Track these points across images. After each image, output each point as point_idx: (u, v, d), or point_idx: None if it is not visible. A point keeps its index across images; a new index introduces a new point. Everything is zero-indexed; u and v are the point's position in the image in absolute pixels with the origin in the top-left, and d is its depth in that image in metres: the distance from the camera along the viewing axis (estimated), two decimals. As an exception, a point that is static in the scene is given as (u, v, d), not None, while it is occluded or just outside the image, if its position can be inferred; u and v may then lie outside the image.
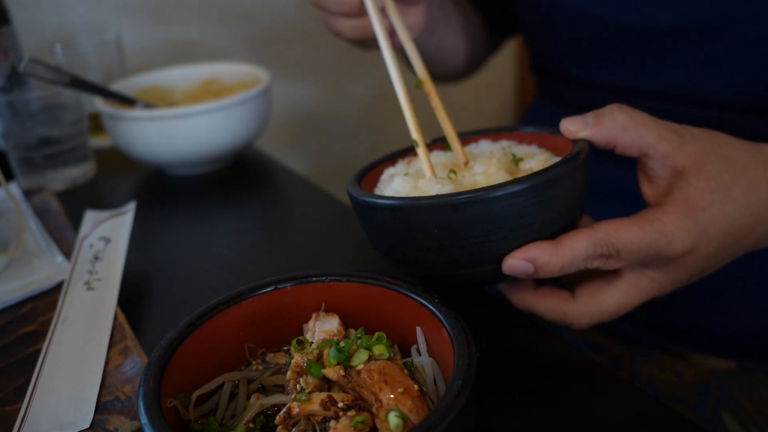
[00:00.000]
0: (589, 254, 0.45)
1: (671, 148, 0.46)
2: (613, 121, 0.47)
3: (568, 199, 0.47)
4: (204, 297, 0.61)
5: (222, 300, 0.44)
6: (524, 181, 0.44)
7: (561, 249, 0.45)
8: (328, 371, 0.39)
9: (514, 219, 0.45)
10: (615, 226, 0.45)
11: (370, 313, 0.45)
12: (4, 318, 0.58)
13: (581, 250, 0.45)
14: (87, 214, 0.70)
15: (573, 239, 0.45)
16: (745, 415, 0.63)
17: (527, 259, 0.45)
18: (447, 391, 0.34)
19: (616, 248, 0.45)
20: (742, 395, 0.65)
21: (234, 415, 0.42)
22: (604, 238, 0.45)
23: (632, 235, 0.45)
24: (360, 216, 0.51)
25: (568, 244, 0.45)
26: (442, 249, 0.46)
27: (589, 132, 0.48)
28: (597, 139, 0.48)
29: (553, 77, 0.82)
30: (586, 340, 0.77)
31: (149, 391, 0.37)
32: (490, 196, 0.44)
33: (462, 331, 0.38)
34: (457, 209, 0.44)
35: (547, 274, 0.46)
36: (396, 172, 0.56)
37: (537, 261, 0.45)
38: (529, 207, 0.45)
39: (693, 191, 0.46)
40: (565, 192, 0.46)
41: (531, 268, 0.45)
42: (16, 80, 0.88)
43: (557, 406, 0.45)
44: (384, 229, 0.48)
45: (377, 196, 0.48)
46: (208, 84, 0.96)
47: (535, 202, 0.45)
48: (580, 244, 0.45)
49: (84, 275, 0.60)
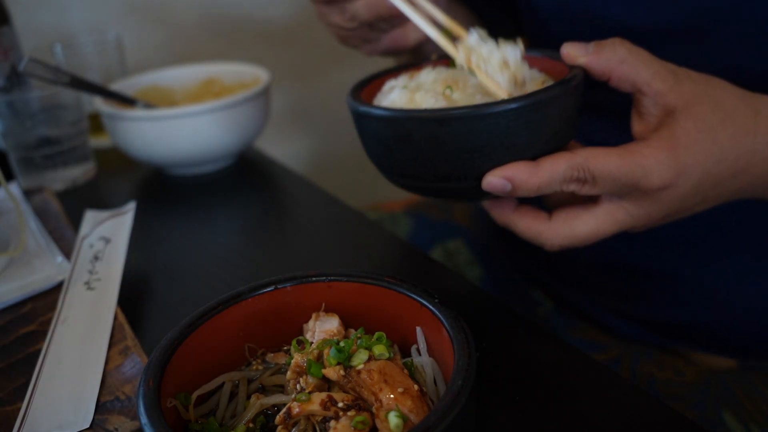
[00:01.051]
0: (566, 177, 0.46)
1: (666, 87, 0.47)
2: (613, 52, 0.47)
3: (554, 124, 0.48)
4: (204, 297, 0.61)
5: (222, 300, 0.44)
6: (510, 102, 0.45)
7: (539, 170, 0.46)
8: (328, 371, 0.39)
9: (498, 139, 0.46)
10: (595, 152, 0.46)
11: (370, 313, 0.45)
12: (4, 318, 0.58)
13: (559, 172, 0.46)
14: (87, 214, 0.70)
15: (552, 161, 0.46)
16: (745, 414, 0.63)
17: (506, 178, 0.46)
18: (447, 391, 0.34)
19: (593, 174, 0.46)
20: (743, 394, 0.65)
21: (234, 415, 0.42)
22: (583, 163, 0.46)
23: (610, 163, 0.46)
24: (357, 125, 0.53)
25: (547, 166, 0.46)
26: (427, 161, 0.48)
27: (587, 59, 0.48)
28: (594, 68, 0.48)
29: None
30: (586, 339, 0.77)
31: (149, 391, 0.37)
32: (475, 113, 0.45)
33: (462, 331, 0.38)
34: (442, 124, 0.46)
35: (524, 194, 0.47)
36: (397, 85, 0.56)
37: (515, 180, 0.46)
38: (513, 128, 0.46)
39: (679, 129, 0.46)
40: (552, 117, 0.47)
41: (509, 186, 0.46)
42: (16, 80, 0.88)
43: (557, 406, 0.45)
44: (376, 138, 0.51)
45: (371, 106, 0.50)
46: (208, 84, 0.96)
47: (521, 124, 0.46)
48: (558, 166, 0.46)
49: (84, 275, 0.60)
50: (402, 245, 0.68)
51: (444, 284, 0.60)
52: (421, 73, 0.57)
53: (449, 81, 0.53)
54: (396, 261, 0.66)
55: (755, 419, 0.62)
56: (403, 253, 0.67)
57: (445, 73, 0.55)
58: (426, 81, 0.55)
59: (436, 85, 0.53)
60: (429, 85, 0.54)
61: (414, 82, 0.56)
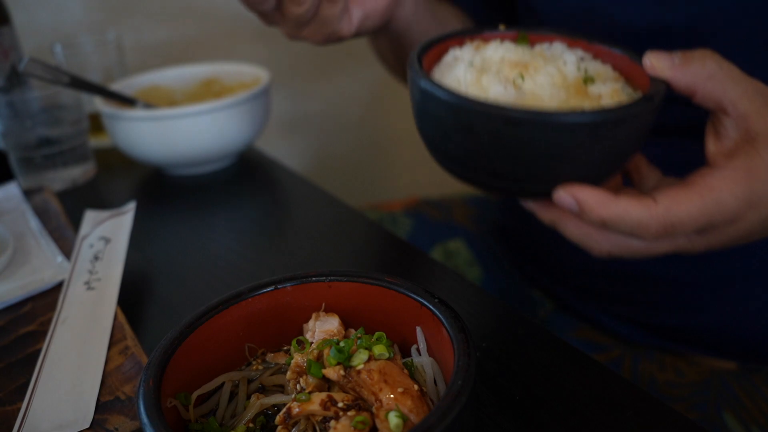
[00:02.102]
0: (641, 225, 0.43)
1: (752, 109, 0.44)
2: (702, 66, 0.44)
3: (629, 142, 0.45)
4: (204, 297, 0.61)
5: (222, 300, 0.43)
6: (588, 115, 0.41)
7: (613, 205, 0.43)
8: (328, 371, 0.39)
9: (567, 150, 0.43)
10: (676, 200, 0.43)
11: (370, 313, 0.45)
12: (4, 318, 0.58)
13: (633, 218, 0.43)
14: (87, 214, 0.70)
15: (630, 203, 0.43)
16: (746, 415, 0.63)
17: (576, 199, 0.43)
18: (447, 391, 0.34)
19: (673, 224, 0.43)
20: (744, 395, 0.65)
21: (234, 414, 0.42)
22: (665, 216, 0.42)
23: (692, 209, 0.43)
24: (414, 98, 0.49)
25: (623, 205, 0.43)
26: (486, 156, 0.45)
27: (672, 73, 0.45)
28: (679, 82, 0.45)
29: None
30: (586, 340, 0.77)
31: (149, 391, 0.37)
32: (549, 120, 0.41)
33: (462, 330, 0.38)
34: (511, 124, 0.42)
35: (587, 220, 0.44)
36: (461, 56, 0.52)
37: (584, 204, 0.43)
38: (586, 142, 0.42)
39: (759, 161, 0.43)
40: (629, 134, 0.44)
41: (576, 209, 0.44)
42: (16, 80, 0.88)
43: (557, 407, 0.45)
44: (434, 119, 0.47)
45: (435, 84, 0.45)
46: (208, 84, 0.96)
47: (596, 139, 0.42)
48: (635, 212, 0.43)
49: (84, 275, 0.60)
50: (402, 245, 0.68)
51: (444, 284, 0.60)
52: (488, 46, 0.53)
53: (519, 64, 0.50)
54: (396, 261, 0.66)
55: (756, 420, 0.62)
56: (403, 253, 0.67)
57: (514, 52, 0.52)
58: (493, 58, 0.51)
59: (504, 66, 0.50)
60: (497, 66, 0.50)
61: (479, 56, 0.52)
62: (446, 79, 0.49)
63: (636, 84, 0.50)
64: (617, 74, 0.51)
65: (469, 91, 0.47)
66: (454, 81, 0.49)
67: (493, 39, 0.55)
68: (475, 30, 0.55)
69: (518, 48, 0.52)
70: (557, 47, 0.54)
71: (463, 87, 0.48)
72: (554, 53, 0.53)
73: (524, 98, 0.46)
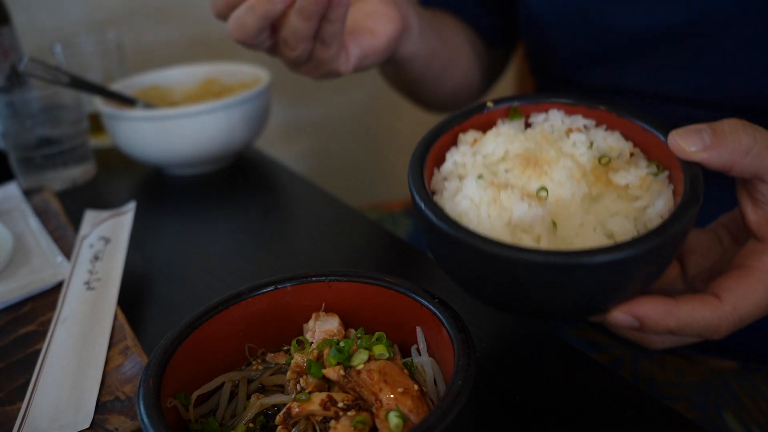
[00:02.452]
0: (711, 327, 0.41)
1: None
2: (738, 143, 0.41)
3: (676, 249, 0.42)
4: (204, 297, 0.61)
5: (222, 300, 0.43)
6: (642, 243, 0.37)
7: (677, 313, 0.41)
8: (328, 371, 0.39)
9: (622, 280, 0.39)
10: (741, 294, 0.41)
11: (370, 313, 0.45)
12: (4, 318, 0.58)
13: (701, 323, 0.41)
14: (87, 214, 0.70)
15: (695, 307, 0.41)
16: (746, 415, 0.63)
17: (636, 317, 0.41)
18: (447, 391, 0.34)
19: (741, 318, 0.41)
20: (744, 395, 0.65)
21: (234, 414, 0.42)
22: (733, 314, 0.41)
23: (759, 300, 0.41)
24: (428, 233, 0.43)
25: (687, 310, 0.41)
26: (531, 299, 0.41)
27: (707, 155, 0.41)
28: (715, 164, 0.41)
29: (553, 79, 0.82)
30: (587, 340, 0.77)
31: (149, 391, 0.37)
32: (604, 262, 0.37)
33: (462, 331, 0.38)
34: (563, 271, 0.38)
35: (653, 333, 0.42)
36: (461, 162, 0.47)
37: (646, 321, 0.41)
38: (642, 267, 0.39)
39: None
40: (676, 245, 0.41)
41: (637, 326, 0.41)
42: (16, 80, 0.88)
43: (558, 406, 0.45)
44: (464, 262, 0.41)
45: (464, 231, 0.39)
46: (208, 84, 0.96)
47: (646, 264, 0.39)
48: (702, 316, 0.41)
49: (84, 275, 0.60)
50: (402, 245, 0.68)
51: (444, 284, 0.60)
52: (485, 140, 0.48)
53: (530, 161, 0.45)
54: (396, 261, 0.66)
55: (756, 420, 0.62)
56: (402, 253, 0.67)
57: (515, 142, 0.47)
58: (496, 154, 0.47)
59: (515, 166, 0.45)
60: (506, 166, 0.46)
61: (480, 155, 0.47)
62: (457, 202, 0.44)
63: (652, 153, 0.47)
64: (630, 144, 0.47)
65: (489, 213, 0.43)
66: (468, 202, 0.44)
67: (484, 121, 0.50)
68: (464, 116, 0.50)
69: (516, 132, 0.49)
70: (555, 118, 0.50)
71: (483, 211, 0.43)
72: (556, 130, 0.49)
73: (551, 210, 0.43)
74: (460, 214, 0.44)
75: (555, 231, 0.42)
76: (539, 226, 0.42)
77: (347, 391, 0.39)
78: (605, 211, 0.43)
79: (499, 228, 0.42)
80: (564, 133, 0.49)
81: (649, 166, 0.45)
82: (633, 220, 0.43)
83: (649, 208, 0.43)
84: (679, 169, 0.43)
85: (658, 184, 0.44)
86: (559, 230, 0.42)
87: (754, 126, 0.42)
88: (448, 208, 0.45)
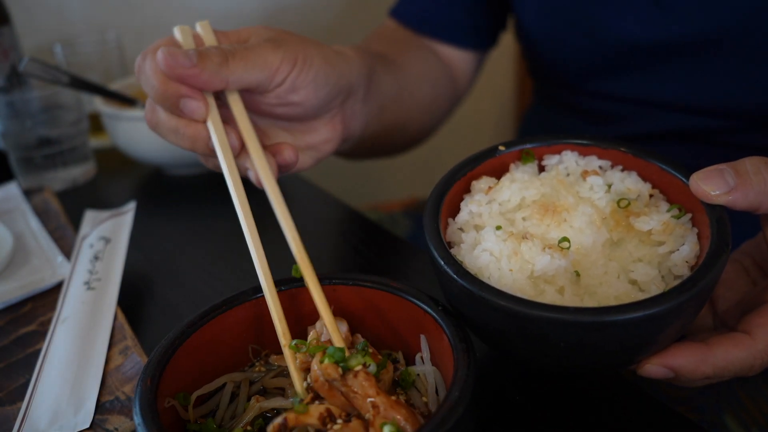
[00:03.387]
0: (746, 366, 0.40)
1: None
2: (763, 183, 0.39)
3: (709, 296, 0.41)
4: (204, 297, 0.61)
5: (225, 300, 0.43)
6: (673, 298, 0.36)
7: (712, 358, 0.40)
8: (326, 366, 0.38)
9: (657, 334, 0.38)
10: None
11: (374, 317, 0.44)
12: (4, 318, 0.58)
13: (736, 363, 0.40)
14: (87, 214, 0.70)
15: (728, 349, 0.40)
16: (747, 417, 0.63)
17: (670, 368, 0.40)
18: (443, 403, 0.34)
19: None
20: (745, 396, 0.65)
21: (234, 416, 0.41)
22: (766, 350, 0.40)
23: None
24: (449, 288, 0.41)
25: (721, 353, 0.40)
26: (560, 356, 0.40)
27: (732, 197, 0.40)
28: (740, 205, 0.40)
29: (552, 84, 0.82)
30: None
31: (146, 390, 0.37)
32: (635, 318, 0.36)
33: (464, 340, 0.38)
34: (592, 329, 0.37)
35: (689, 383, 0.41)
36: (477, 211, 0.46)
37: (681, 371, 0.40)
38: (674, 321, 0.38)
39: None
40: (710, 292, 0.40)
41: (671, 376, 0.40)
42: (16, 80, 0.88)
43: (558, 408, 0.45)
44: (486, 319, 0.40)
45: (486, 288, 0.38)
46: (209, 84, 0.96)
47: (683, 314, 0.38)
48: (736, 355, 0.40)
49: (84, 275, 0.60)
50: (401, 246, 0.68)
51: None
52: (500, 187, 0.47)
53: (548, 209, 0.44)
54: (395, 261, 0.66)
55: (757, 422, 0.62)
56: (402, 253, 0.67)
57: (531, 188, 0.46)
58: (512, 202, 0.46)
59: (534, 214, 0.44)
60: (523, 214, 0.45)
61: (496, 203, 0.46)
62: (476, 255, 0.43)
63: (671, 194, 0.46)
64: (649, 186, 0.46)
65: (511, 267, 0.41)
66: (488, 256, 0.42)
67: (496, 166, 0.49)
68: (475, 161, 0.49)
69: (531, 177, 0.47)
70: (569, 159, 0.49)
71: (504, 265, 0.42)
72: (572, 173, 0.48)
73: (573, 260, 0.42)
74: (481, 268, 0.42)
75: (578, 281, 0.41)
76: (562, 277, 0.41)
77: (338, 397, 0.38)
78: (628, 257, 0.42)
79: (521, 281, 0.41)
80: (580, 175, 0.47)
81: (670, 209, 0.44)
82: (657, 266, 0.42)
83: (674, 253, 0.42)
84: (703, 212, 0.42)
85: (681, 228, 0.43)
86: (582, 279, 0.41)
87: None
88: (467, 262, 0.43)
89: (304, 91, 0.52)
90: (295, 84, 0.51)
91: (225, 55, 0.47)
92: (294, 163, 0.51)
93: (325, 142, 0.58)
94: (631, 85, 0.70)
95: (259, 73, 0.48)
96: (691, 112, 0.68)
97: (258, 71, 0.48)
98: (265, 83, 0.50)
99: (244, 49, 0.49)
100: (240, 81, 0.48)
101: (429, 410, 0.39)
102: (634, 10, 0.66)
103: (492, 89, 1.86)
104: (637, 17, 0.65)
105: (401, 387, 0.41)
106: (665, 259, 0.42)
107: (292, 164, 0.51)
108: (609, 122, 0.75)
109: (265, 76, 0.49)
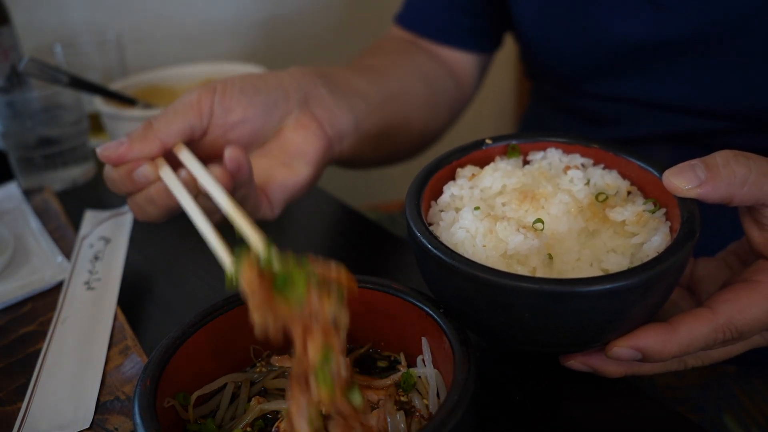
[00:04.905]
0: (709, 341, 0.41)
1: None
2: (732, 175, 0.41)
3: (676, 280, 0.42)
4: (204, 297, 0.61)
5: (226, 300, 0.43)
6: (638, 273, 0.38)
7: (676, 336, 0.41)
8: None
9: (620, 311, 0.39)
10: (739, 307, 0.41)
11: (376, 319, 0.44)
12: (4, 318, 0.58)
13: (699, 338, 0.41)
14: (87, 214, 0.70)
15: (690, 326, 0.41)
16: (746, 416, 0.63)
17: (636, 349, 0.41)
18: (442, 405, 0.34)
19: (740, 331, 0.41)
20: (744, 396, 0.65)
21: (234, 417, 0.41)
22: (728, 324, 0.41)
23: (756, 312, 0.41)
24: (424, 261, 0.44)
25: (684, 330, 0.41)
26: (526, 328, 0.41)
27: (703, 190, 0.41)
28: (712, 198, 0.41)
29: (550, 85, 0.82)
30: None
31: (145, 390, 0.37)
32: (599, 289, 0.37)
33: (464, 344, 0.38)
34: (556, 300, 0.38)
35: (657, 362, 0.42)
36: (458, 194, 0.48)
37: (648, 352, 0.41)
38: (637, 299, 0.39)
39: None
40: (676, 276, 0.41)
41: (639, 358, 0.41)
42: (16, 80, 0.88)
43: (558, 408, 0.45)
44: (457, 290, 0.41)
45: (458, 258, 0.40)
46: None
47: (647, 294, 0.39)
48: (699, 330, 0.41)
49: (84, 275, 0.60)
50: (401, 245, 0.68)
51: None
52: (483, 174, 0.48)
53: (527, 195, 0.46)
54: (395, 261, 0.66)
55: (757, 421, 0.62)
56: (402, 253, 0.67)
57: (513, 177, 0.48)
58: (493, 188, 0.47)
59: (512, 199, 0.46)
60: (503, 200, 0.46)
61: (478, 189, 0.48)
62: (453, 232, 0.45)
63: (648, 191, 0.47)
64: (627, 183, 0.48)
65: (485, 244, 0.43)
66: (463, 233, 0.44)
67: (482, 157, 0.51)
68: (462, 152, 0.51)
69: (514, 168, 0.49)
70: (553, 156, 0.50)
71: (479, 241, 0.43)
72: (554, 167, 0.50)
73: (547, 243, 0.43)
74: (456, 244, 0.44)
75: (551, 264, 0.42)
76: (535, 258, 0.42)
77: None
78: (602, 247, 0.43)
79: (494, 258, 0.42)
80: (562, 170, 0.49)
81: (646, 203, 0.46)
82: (630, 256, 0.43)
83: (645, 244, 0.43)
84: (676, 207, 0.43)
85: (655, 221, 0.44)
86: (555, 263, 0.42)
87: (747, 154, 0.42)
88: (444, 238, 0.45)
89: (240, 107, 0.55)
90: (226, 106, 0.54)
91: (149, 122, 0.52)
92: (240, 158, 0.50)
93: (305, 143, 0.59)
94: (629, 86, 0.70)
95: (182, 117, 0.52)
96: (690, 113, 0.68)
97: (180, 116, 0.52)
98: (196, 123, 0.53)
99: (165, 108, 0.53)
100: (170, 133, 0.52)
101: (430, 412, 0.39)
102: (630, 11, 0.66)
103: (492, 90, 1.86)
104: (634, 17, 0.65)
105: (402, 389, 0.41)
106: (638, 250, 0.43)
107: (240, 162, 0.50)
108: (607, 124, 0.75)
109: (191, 117, 0.53)
